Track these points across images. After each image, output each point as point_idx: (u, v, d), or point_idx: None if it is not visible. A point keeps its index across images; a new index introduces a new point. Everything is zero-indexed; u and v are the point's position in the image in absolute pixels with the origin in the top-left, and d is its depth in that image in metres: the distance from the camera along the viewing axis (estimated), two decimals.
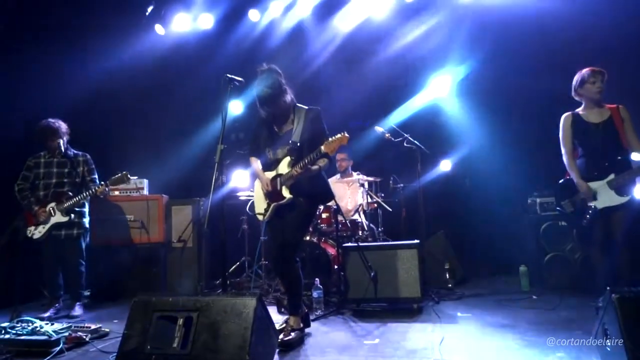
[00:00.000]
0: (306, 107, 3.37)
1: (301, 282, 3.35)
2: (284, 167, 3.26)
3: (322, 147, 3.05)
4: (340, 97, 6.01)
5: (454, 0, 5.91)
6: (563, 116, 3.77)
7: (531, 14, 5.51)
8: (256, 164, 3.47)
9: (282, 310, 4.02)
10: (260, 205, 3.40)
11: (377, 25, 6.16)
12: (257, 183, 3.47)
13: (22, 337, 3.12)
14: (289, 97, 3.30)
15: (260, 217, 3.41)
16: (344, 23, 6.28)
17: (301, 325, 3.29)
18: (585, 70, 3.63)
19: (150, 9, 6.31)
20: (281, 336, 3.08)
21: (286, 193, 3.22)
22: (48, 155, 4.55)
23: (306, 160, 3.12)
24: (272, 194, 3.30)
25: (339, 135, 3.04)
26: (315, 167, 3.21)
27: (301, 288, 3.37)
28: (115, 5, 5.92)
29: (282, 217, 3.29)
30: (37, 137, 4.46)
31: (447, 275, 4.95)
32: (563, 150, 3.73)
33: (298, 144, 3.23)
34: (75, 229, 4.44)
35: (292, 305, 3.32)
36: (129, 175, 4.45)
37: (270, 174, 3.34)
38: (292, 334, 3.15)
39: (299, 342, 3.16)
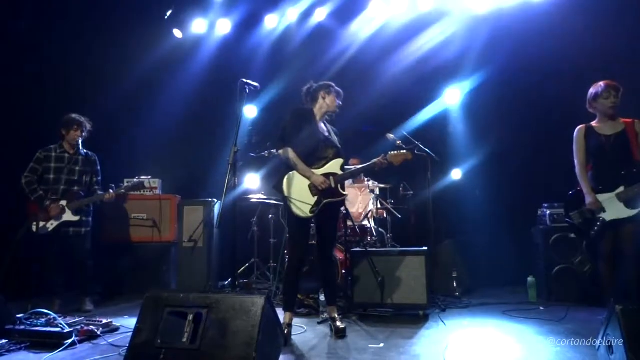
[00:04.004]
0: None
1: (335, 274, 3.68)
2: (335, 167, 3.46)
3: (390, 157, 3.38)
4: (354, 103, 6.06)
5: (468, 11, 5.94)
6: (577, 129, 3.77)
7: (544, 25, 5.52)
8: (294, 155, 3.39)
9: (301, 309, 4.14)
10: (308, 198, 3.36)
11: (392, 34, 6.21)
12: (298, 177, 3.41)
13: (37, 329, 3.22)
14: None
15: (303, 214, 3.33)
16: (359, 30, 6.35)
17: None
18: (600, 84, 3.60)
19: (169, 13, 6.45)
20: (337, 324, 3.42)
21: (343, 191, 3.47)
22: (59, 149, 4.55)
23: (371, 163, 3.48)
24: (327, 191, 3.40)
25: (404, 151, 3.43)
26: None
27: (336, 280, 3.75)
28: (134, 9, 6.05)
29: (325, 214, 3.42)
30: (63, 125, 4.52)
31: (455, 283, 4.95)
32: (576, 162, 3.73)
33: (341, 149, 3.55)
34: (83, 227, 4.52)
35: (332, 297, 3.61)
36: (145, 184, 4.68)
37: (318, 171, 3.43)
38: (339, 322, 3.45)
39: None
